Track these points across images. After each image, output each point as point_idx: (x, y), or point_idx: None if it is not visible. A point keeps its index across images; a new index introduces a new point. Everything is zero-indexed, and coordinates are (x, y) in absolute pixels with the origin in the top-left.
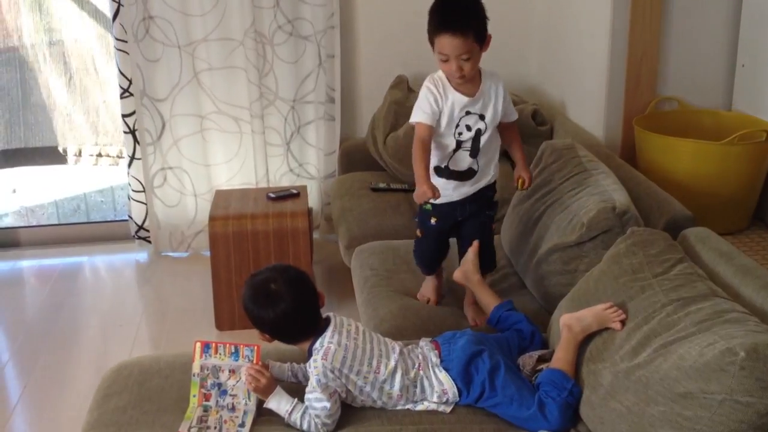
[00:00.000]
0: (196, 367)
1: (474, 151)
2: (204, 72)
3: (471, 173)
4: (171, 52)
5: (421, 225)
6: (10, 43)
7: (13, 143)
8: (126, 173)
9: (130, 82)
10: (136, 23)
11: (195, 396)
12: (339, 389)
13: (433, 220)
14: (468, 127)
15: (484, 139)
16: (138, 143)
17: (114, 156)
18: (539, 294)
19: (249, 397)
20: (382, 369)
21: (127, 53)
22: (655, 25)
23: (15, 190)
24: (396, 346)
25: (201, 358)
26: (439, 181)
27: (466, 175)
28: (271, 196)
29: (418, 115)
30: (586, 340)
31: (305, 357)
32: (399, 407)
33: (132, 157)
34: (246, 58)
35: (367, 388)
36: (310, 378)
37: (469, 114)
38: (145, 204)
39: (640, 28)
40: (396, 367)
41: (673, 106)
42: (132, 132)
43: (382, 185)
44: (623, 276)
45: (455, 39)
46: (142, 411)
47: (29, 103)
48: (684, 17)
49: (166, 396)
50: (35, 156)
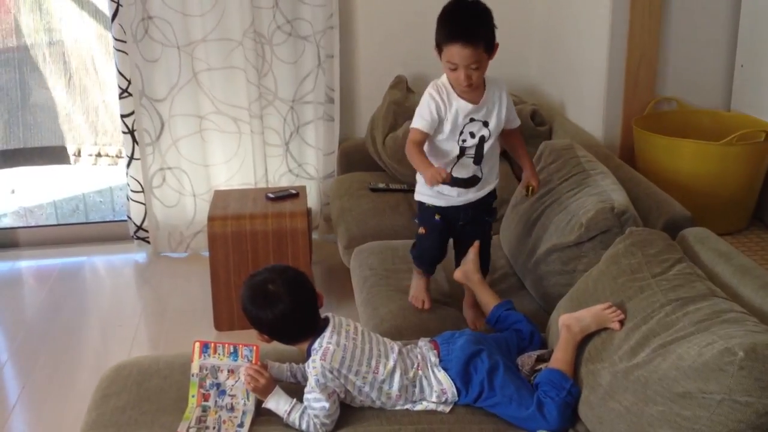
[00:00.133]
0: (195, 367)
1: (478, 158)
2: (203, 72)
3: (475, 180)
4: (170, 53)
5: (425, 222)
6: (9, 43)
7: (12, 143)
8: (125, 173)
9: (129, 82)
10: (135, 23)
11: (194, 396)
12: (338, 389)
13: (437, 217)
14: (472, 134)
15: (487, 146)
16: (137, 143)
17: (113, 156)
18: (538, 294)
19: (248, 397)
20: (381, 369)
21: (126, 53)
22: (655, 25)
23: (14, 191)
24: (395, 346)
25: (200, 358)
26: (443, 188)
27: (471, 182)
28: (270, 196)
29: (418, 122)
30: (584, 340)
31: (304, 357)
32: (398, 407)
33: (131, 158)
34: (245, 59)
35: (366, 389)
36: (308, 378)
37: (473, 121)
38: (144, 204)
39: (639, 29)
40: (395, 367)
41: (672, 106)
42: (131, 132)
43: (381, 185)
44: (622, 276)
45: (466, 49)
46: (140, 411)
47: (28, 104)
48: (683, 18)
49: (165, 396)
50: (34, 156)
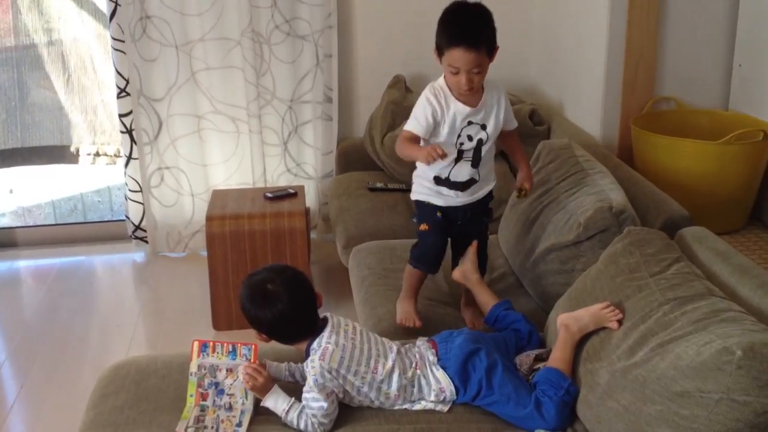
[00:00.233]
0: (193, 366)
1: (475, 162)
2: (201, 72)
3: (472, 182)
4: (168, 52)
5: (426, 219)
6: (8, 43)
7: (10, 143)
8: (123, 173)
9: (127, 81)
10: (133, 23)
11: (192, 395)
12: (336, 389)
13: (439, 214)
14: (470, 137)
15: (485, 149)
16: (135, 143)
17: (111, 155)
18: (536, 293)
19: (246, 397)
20: (380, 369)
21: (124, 53)
22: (653, 25)
23: (12, 190)
24: (393, 345)
25: (198, 357)
26: (441, 189)
27: (468, 184)
28: (269, 195)
29: (412, 125)
30: (583, 339)
31: (302, 357)
32: (396, 407)
33: (129, 157)
34: (243, 58)
35: (365, 389)
36: (307, 378)
37: (471, 124)
38: (142, 204)
39: (637, 29)
40: (393, 367)
41: (671, 105)
42: (129, 132)
43: (379, 185)
44: (620, 275)
45: (469, 53)
46: (139, 411)
47: (26, 103)
48: (681, 18)
49: (163, 396)
50: (32, 156)
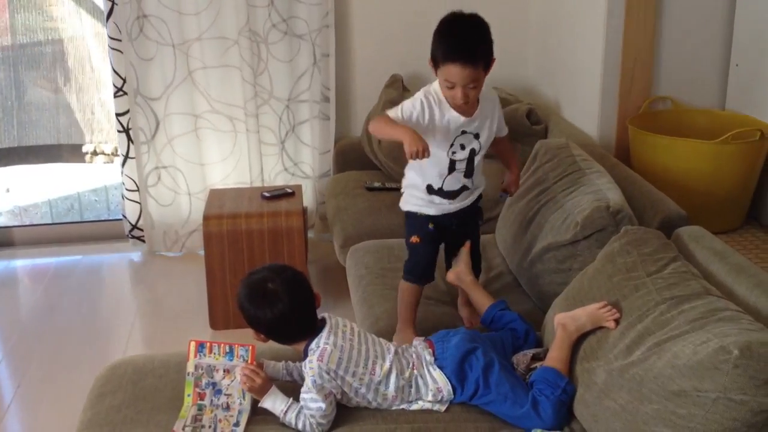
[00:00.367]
0: (190, 366)
1: (468, 172)
2: (198, 71)
3: (464, 189)
4: (165, 51)
5: (417, 231)
6: (4, 42)
7: (7, 142)
8: (120, 172)
9: (124, 80)
10: (130, 22)
11: (189, 395)
12: (334, 390)
13: (431, 225)
14: (462, 146)
15: (477, 159)
16: (132, 142)
17: (109, 154)
18: (533, 293)
19: (243, 397)
20: (378, 370)
21: (121, 52)
22: (650, 25)
23: (8, 189)
24: (391, 346)
25: (195, 357)
26: (434, 198)
27: (460, 191)
28: (266, 195)
29: (395, 113)
30: (580, 338)
31: (300, 356)
32: (394, 408)
33: (126, 156)
34: (240, 57)
35: (363, 390)
36: (305, 378)
37: (465, 133)
38: (139, 203)
39: (634, 28)
40: (391, 367)
41: (667, 105)
42: (126, 131)
43: (377, 184)
44: (617, 275)
45: (465, 69)
46: (136, 410)
47: (23, 102)
48: (678, 17)
49: (161, 395)
50: (29, 155)
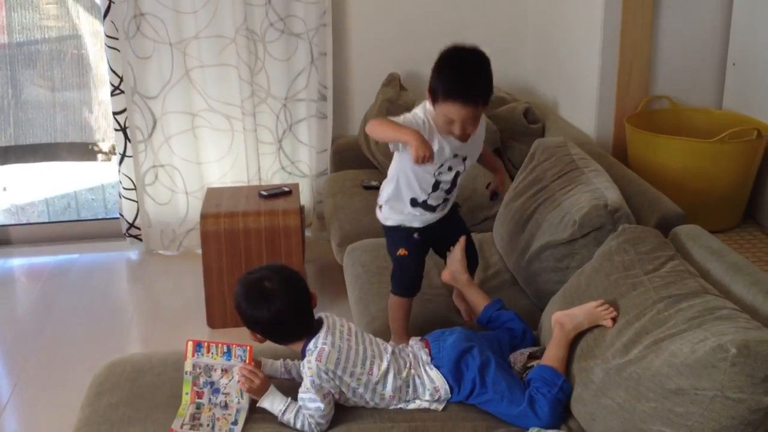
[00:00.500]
0: (188, 366)
1: (451, 189)
2: (195, 69)
3: (446, 201)
4: (162, 50)
5: (403, 243)
6: (1, 40)
7: (3, 141)
8: (117, 171)
9: (121, 79)
10: (127, 20)
11: (187, 393)
12: (333, 390)
13: (416, 235)
14: (450, 168)
15: (460, 179)
16: (129, 141)
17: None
18: (531, 291)
19: (241, 396)
20: (375, 370)
21: (118, 50)
22: (647, 24)
23: (5, 188)
24: (388, 346)
25: (193, 356)
26: (416, 211)
27: (442, 203)
28: (263, 193)
29: (400, 119)
30: (577, 337)
31: (298, 356)
32: (391, 407)
33: (123, 155)
34: (238, 56)
35: (360, 390)
36: (303, 378)
37: (456, 157)
38: (137, 202)
39: (631, 27)
40: (388, 367)
41: (664, 104)
42: (123, 129)
43: (374, 183)
44: (615, 273)
45: (466, 108)
46: (134, 408)
47: (20, 101)
48: (675, 16)
49: (159, 393)
50: (26, 153)
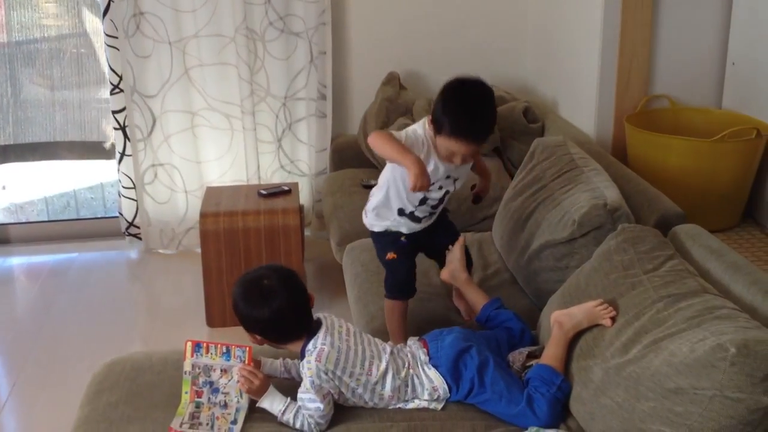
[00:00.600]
0: (187, 365)
1: (437, 206)
2: (195, 68)
3: (432, 214)
4: (161, 48)
5: (391, 247)
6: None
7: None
8: (116, 170)
9: (121, 78)
10: (126, 19)
11: (187, 392)
12: (332, 390)
13: (403, 238)
14: (440, 188)
15: (447, 197)
16: (128, 140)
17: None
18: (530, 290)
19: (241, 395)
20: (375, 371)
21: (117, 49)
22: (646, 23)
23: (4, 187)
24: (386, 346)
25: (192, 357)
26: (402, 219)
27: (429, 215)
28: (263, 192)
29: (400, 135)
30: (576, 336)
31: (297, 356)
32: (390, 407)
33: (122, 154)
34: (237, 55)
35: (359, 390)
36: (303, 379)
37: (449, 177)
38: (136, 201)
39: (631, 27)
40: (387, 368)
41: (664, 104)
42: (122, 128)
43: (373, 182)
44: (614, 272)
45: (471, 146)
46: (133, 407)
47: (19, 99)
48: (675, 16)
49: (158, 392)
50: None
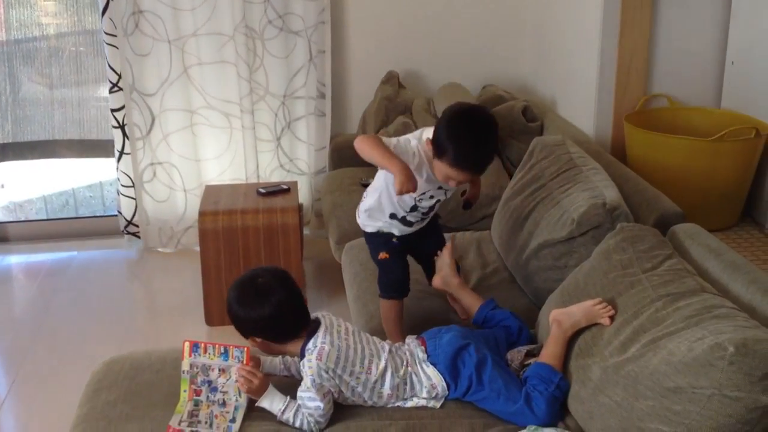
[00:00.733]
0: (185, 365)
1: (428, 212)
2: (194, 67)
3: (424, 219)
4: (161, 47)
5: (383, 247)
6: None
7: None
8: (115, 168)
9: (120, 76)
10: (125, 17)
11: (185, 391)
12: (333, 389)
13: (394, 240)
14: (431, 197)
15: (438, 205)
16: (127, 138)
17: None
18: (529, 289)
19: (240, 394)
20: (374, 369)
21: (116, 47)
22: (646, 23)
23: (3, 185)
24: (385, 345)
25: (190, 356)
26: (394, 222)
27: (420, 220)
28: (262, 191)
29: (390, 142)
30: (575, 335)
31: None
32: (389, 406)
33: (121, 152)
34: (236, 53)
35: (359, 388)
36: (304, 378)
37: (440, 189)
38: (135, 199)
39: (630, 26)
40: (386, 366)
41: (663, 103)
42: (121, 127)
43: (372, 181)
44: (613, 271)
45: (472, 176)
46: (132, 405)
47: (18, 98)
48: (674, 15)
49: (157, 390)
50: (24, 150)
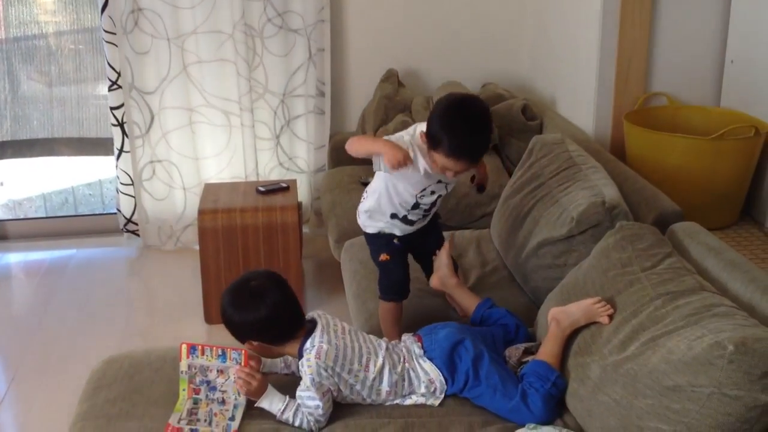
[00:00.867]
0: (183, 366)
1: (429, 209)
2: (193, 65)
3: (425, 216)
4: (160, 45)
5: (385, 249)
6: None
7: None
8: (114, 166)
9: (119, 74)
10: (125, 15)
11: (184, 390)
12: (332, 387)
13: (396, 241)
14: (432, 192)
15: (440, 201)
16: (126, 136)
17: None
18: (528, 287)
19: (239, 394)
20: (372, 367)
21: (115, 45)
22: (645, 21)
23: (2, 183)
24: (382, 343)
25: (188, 358)
26: (395, 222)
27: (422, 218)
28: (261, 189)
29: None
30: (574, 333)
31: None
32: (388, 403)
33: (120, 150)
34: (235, 51)
35: (358, 387)
36: (302, 377)
37: (440, 182)
38: (134, 197)
39: (630, 24)
40: (384, 363)
41: (662, 101)
42: (120, 125)
43: (371, 179)
44: (612, 270)
45: (469, 165)
46: (131, 403)
47: (17, 96)
48: (674, 13)
49: (156, 389)
50: (23, 148)
